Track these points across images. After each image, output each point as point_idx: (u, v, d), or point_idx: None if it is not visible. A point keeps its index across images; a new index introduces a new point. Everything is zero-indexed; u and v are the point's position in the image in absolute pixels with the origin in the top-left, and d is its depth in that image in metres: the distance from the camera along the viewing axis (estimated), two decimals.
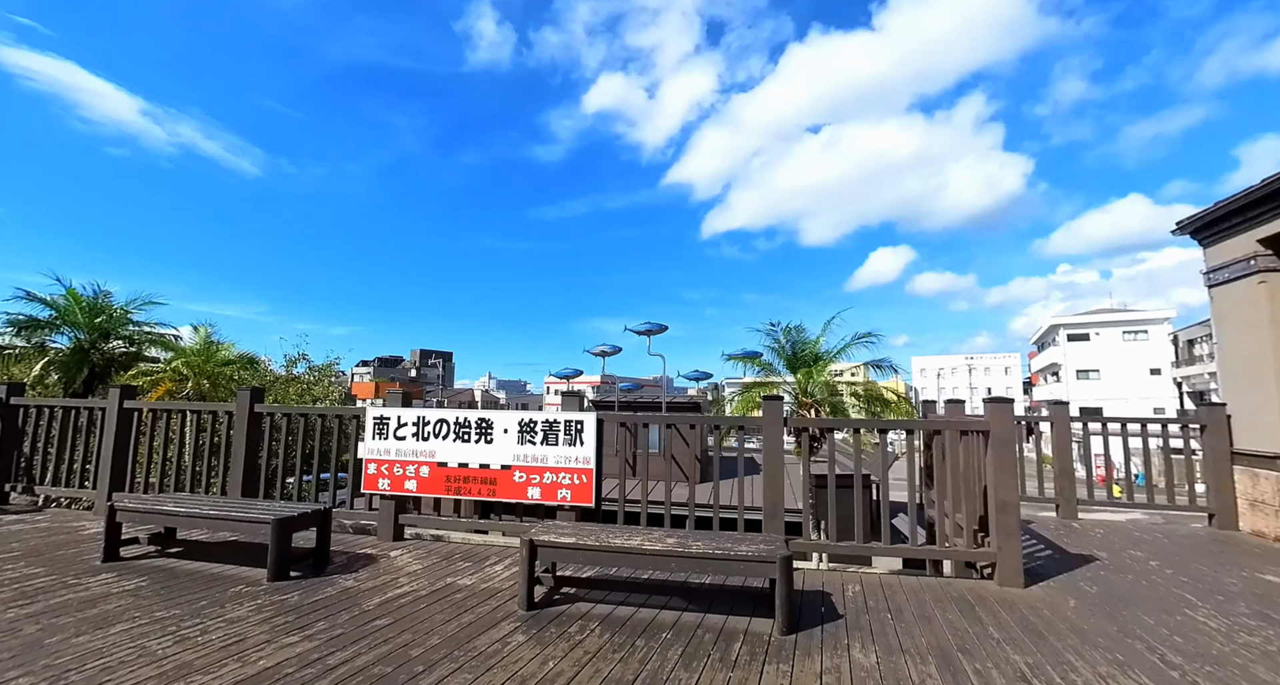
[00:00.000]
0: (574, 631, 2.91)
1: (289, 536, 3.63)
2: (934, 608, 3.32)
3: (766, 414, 4.02)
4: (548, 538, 3.23)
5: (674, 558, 3.08)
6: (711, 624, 3.04)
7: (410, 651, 2.65)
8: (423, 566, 3.93)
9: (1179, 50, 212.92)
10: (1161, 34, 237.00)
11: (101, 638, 2.71)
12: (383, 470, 4.54)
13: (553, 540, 3.22)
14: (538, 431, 4.32)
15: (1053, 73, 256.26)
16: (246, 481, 4.88)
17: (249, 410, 4.95)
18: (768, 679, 2.47)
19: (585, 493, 4.18)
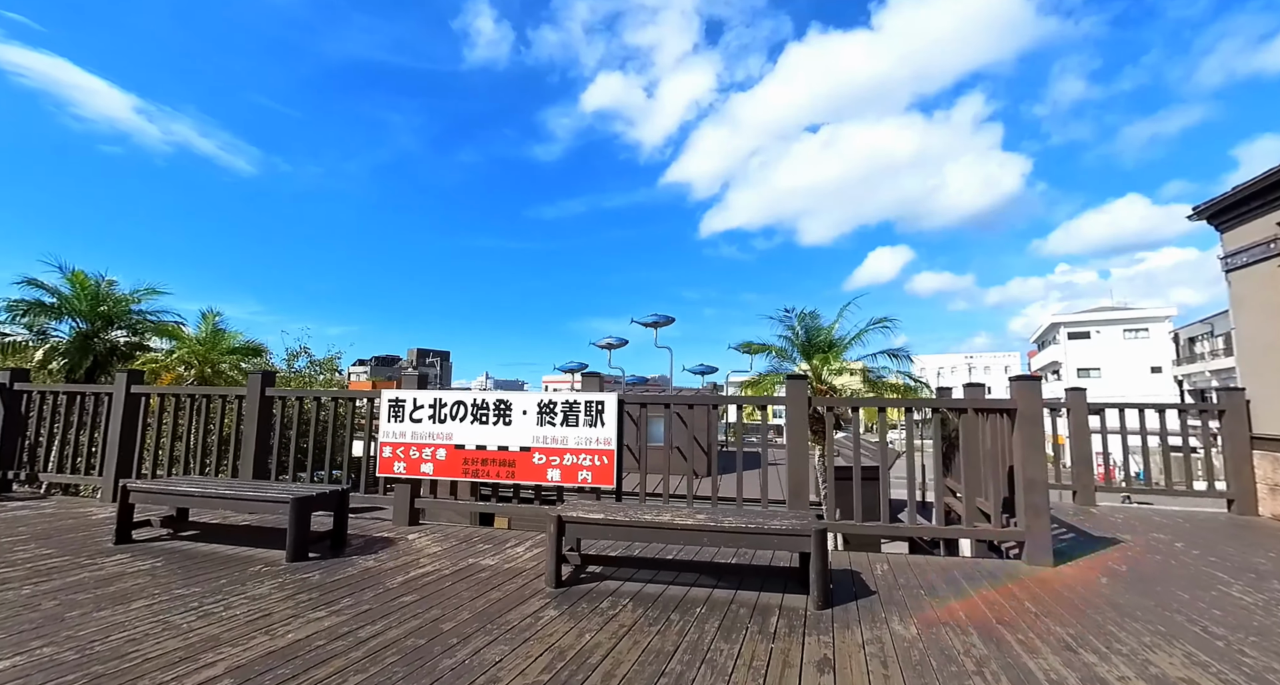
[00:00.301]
0: (605, 607, 2.86)
1: (308, 517, 3.56)
2: (966, 584, 3.27)
3: (790, 392, 3.97)
4: (576, 513, 3.18)
5: (706, 532, 3.03)
6: (744, 599, 2.99)
7: (441, 625, 2.59)
8: (442, 549, 3.86)
9: (1177, 50, 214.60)
10: (1160, 34, 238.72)
11: (123, 612, 2.64)
12: (399, 453, 4.47)
13: (581, 516, 3.16)
14: (558, 412, 4.26)
15: (1051, 73, 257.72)
16: (258, 466, 4.80)
17: (260, 394, 4.87)
18: (810, 649, 2.41)
19: (607, 474, 4.12)
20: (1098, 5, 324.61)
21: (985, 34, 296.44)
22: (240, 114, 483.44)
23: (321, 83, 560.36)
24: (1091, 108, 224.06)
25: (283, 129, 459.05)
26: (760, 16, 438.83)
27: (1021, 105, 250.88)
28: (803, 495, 3.88)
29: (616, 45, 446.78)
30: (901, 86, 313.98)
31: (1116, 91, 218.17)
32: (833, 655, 2.38)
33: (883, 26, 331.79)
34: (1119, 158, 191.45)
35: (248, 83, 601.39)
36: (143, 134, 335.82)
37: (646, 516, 3.14)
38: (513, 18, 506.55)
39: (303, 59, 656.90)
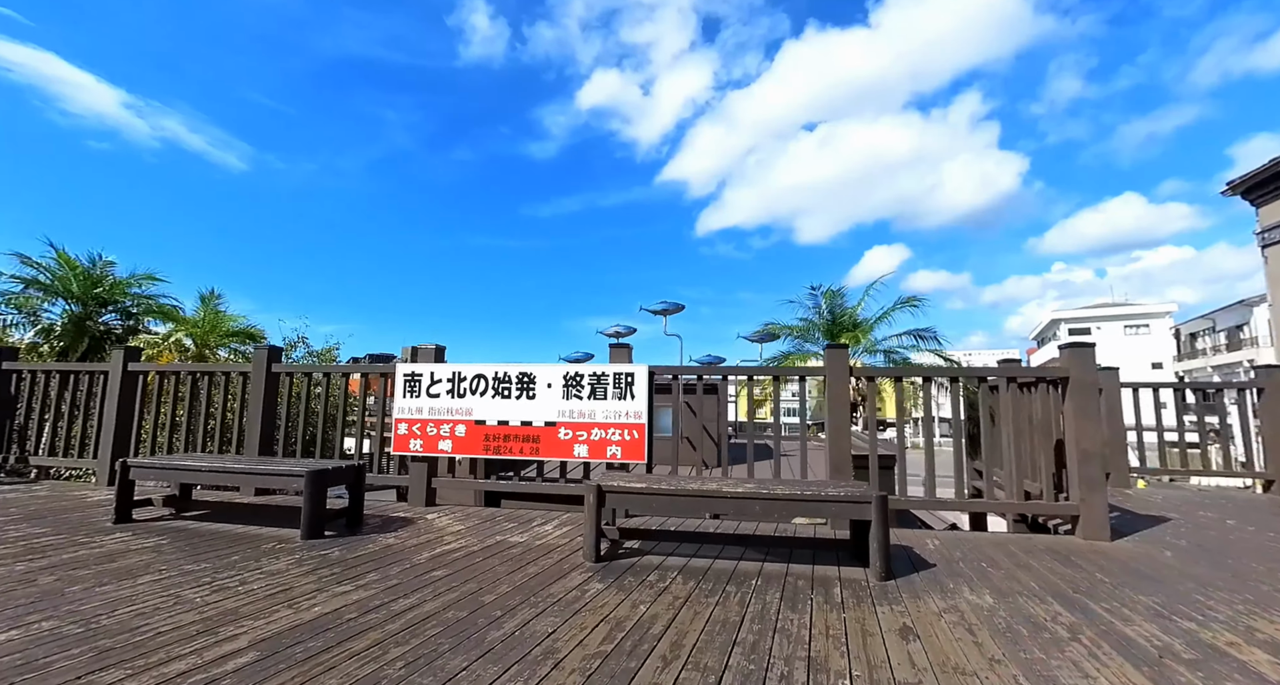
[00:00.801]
0: (653, 579, 2.65)
1: (324, 492, 3.33)
2: (1027, 558, 3.10)
3: (830, 363, 3.79)
4: (617, 483, 2.97)
5: (759, 500, 2.83)
6: (799, 572, 2.80)
7: (481, 598, 2.37)
8: (466, 527, 3.64)
9: (1173, 50, 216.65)
10: (1156, 33, 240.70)
11: (129, 588, 2.40)
12: (414, 430, 4.25)
13: (622, 485, 2.95)
14: (584, 385, 4.05)
15: (1048, 71, 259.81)
16: (263, 448, 4.55)
17: (266, 370, 4.63)
18: (886, 618, 2.22)
19: (637, 449, 3.92)
20: (1095, 4, 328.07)
21: (983, 32, 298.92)
22: (232, 110, 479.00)
23: (314, 78, 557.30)
24: (1088, 106, 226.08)
25: (275, 125, 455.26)
26: (758, 14, 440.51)
27: (1019, 104, 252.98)
28: (845, 472, 3.70)
29: (613, 42, 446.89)
30: (899, 85, 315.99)
31: (1113, 90, 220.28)
32: (912, 623, 2.19)
33: (880, 24, 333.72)
34: (1115, 156, 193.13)
35: (239, 78, 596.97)
36: (132, 130, 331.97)
37: (692, 485, 2.94)
38: (508, 14, 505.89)
39: (295, 54, 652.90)
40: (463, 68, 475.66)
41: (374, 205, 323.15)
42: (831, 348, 3.81)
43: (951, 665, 1.85)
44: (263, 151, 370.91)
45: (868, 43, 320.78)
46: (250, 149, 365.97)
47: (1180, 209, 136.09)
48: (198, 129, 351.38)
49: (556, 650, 1.90)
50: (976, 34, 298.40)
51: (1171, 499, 4.97)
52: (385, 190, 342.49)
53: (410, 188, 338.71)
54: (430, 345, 4.40)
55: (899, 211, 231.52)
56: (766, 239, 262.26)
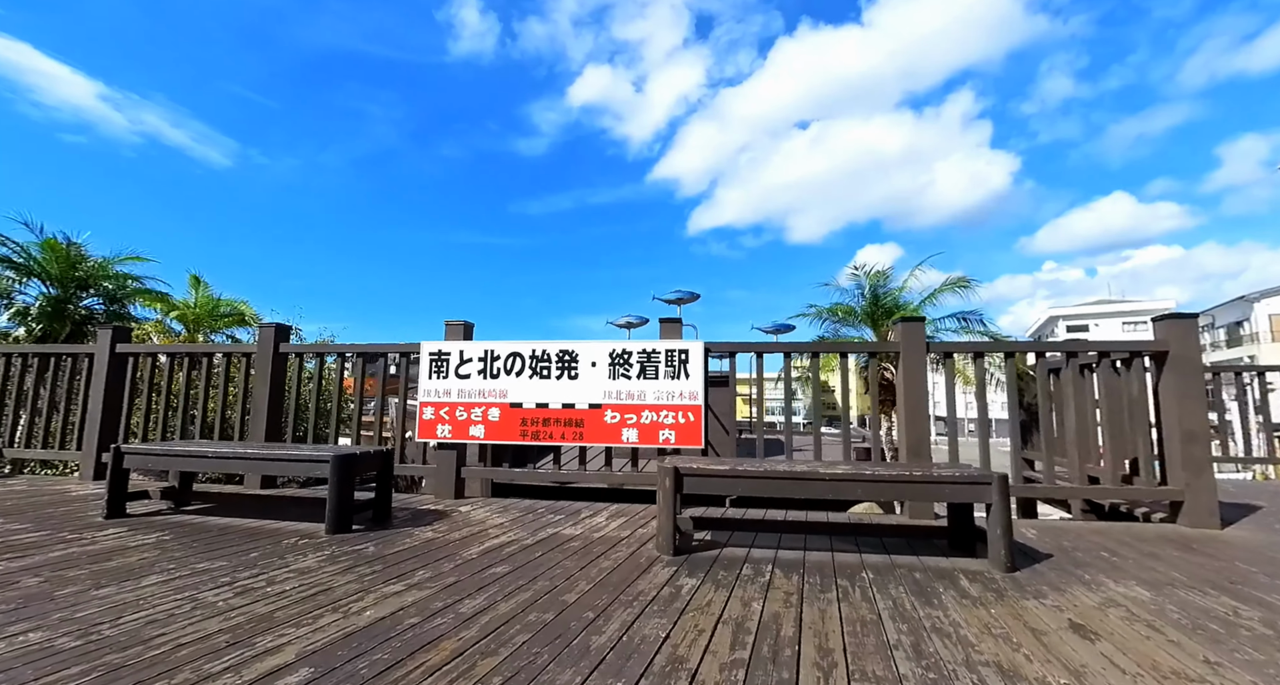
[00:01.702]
0: (749, 573, 2.30)
1: (352, 480, 2.92)
2: (1146, 547, 2.79)
3: (905, 337, 3.46)
4: (696, 465, 2.61)
5: (861, 483, 2.48)
6: (906, 563, 2.46)
7: (562, 598, 2.00)
8: (508, 520, 3.25)
9: (1162, 50, 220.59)
10: (1146, 33, 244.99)
11: (132, 590, 1.99)
12: (442, 414, 3.84)
13: (703, 467, 2.59)
14: (633, 363, 3.68)
15: (1040, 71, 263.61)
16: (270, 435, 4.12)
17: (273, 350, 4.19)
18: (1044, 614, 1.89)
19: (693, 433, 3.56)
20: (1086, 3, 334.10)
21: (975, 31, 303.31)
22: (213, 104, 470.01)
23: (298, 72, 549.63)
24: (1079, 106, 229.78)
25: (258, 119, 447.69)
26: (751, 11, 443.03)
27: (1010, 103, 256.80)
28: (924, 454, 3.37)
29: (605, 39, 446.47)
30: (892, 83, 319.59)
31: (1104, 90, 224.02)
32: (1079, 619, 1.86)
33: (873, 23, 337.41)
34: (1106, 156, 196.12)
35: (221, 71, 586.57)
36: (108, 123, 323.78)
37: (782, 466, 2.59)
38: (499, 9, 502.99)
39: (278, 47, 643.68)
40: (451, 63, 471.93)
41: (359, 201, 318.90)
42: (906, 321, 3.49)
43: (1168, 669, 1.52)
44: (246, 146, 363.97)
45: (861, 40, 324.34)
46: (233, 144, 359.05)
47: (1170, 208, 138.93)
48: (179, 123, 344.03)
49: (683, 658, 1.54)
50: (969, 33, 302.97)
51: (1245, 490, 4.74)
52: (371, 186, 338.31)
53: (396, 184, 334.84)
54: (458, 321, 4.00)
55: (891, 210, 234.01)
56: (759, 238, 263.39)
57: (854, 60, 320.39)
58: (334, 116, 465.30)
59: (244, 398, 4.21)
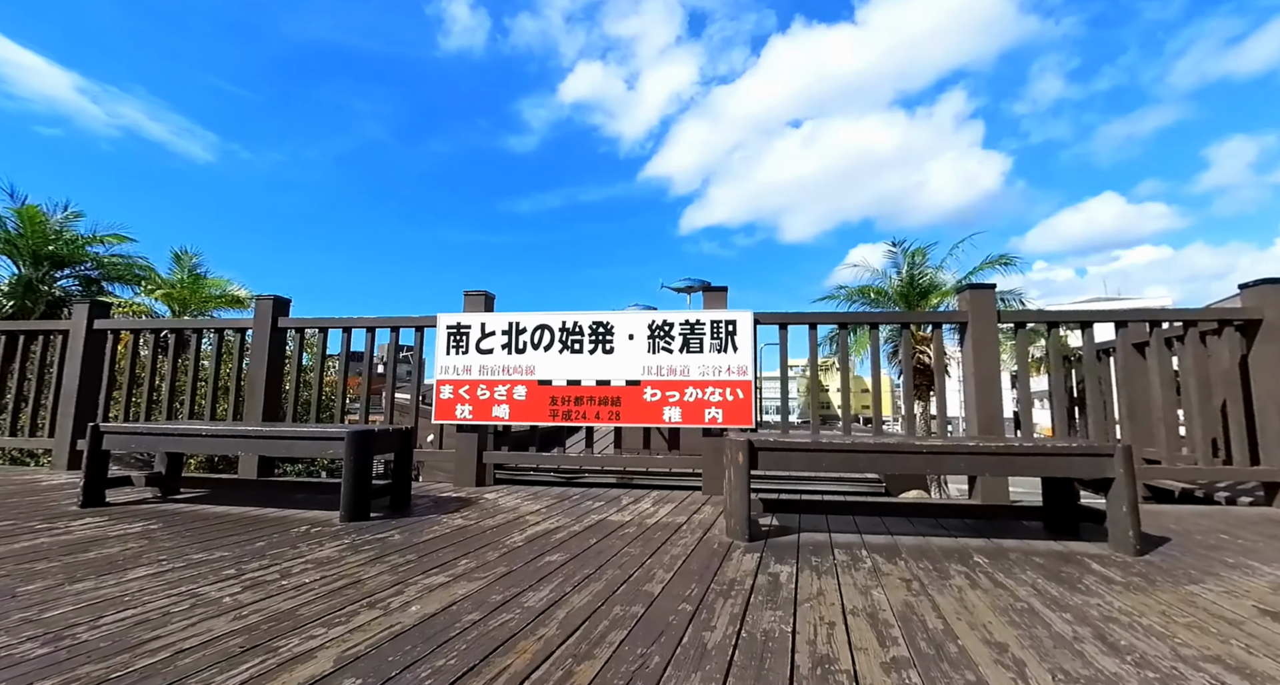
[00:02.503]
0: (844, 560, 1.98)
1: (370, 460, 2.55)
2: (1262, 530, 2.53)
3: (974, 305, 3.18)
4: (773, 438, 2.29)
5: (963, 456, 2.18)
6: (1014, 547, 2.16)
7: (643, 588, 1.66)
8: (543, 506, 2.91)
9: (1151, 52, 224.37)
10: (1136, 35, 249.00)
11: (114, 584, 1.62)
12: (461, 393, 3.48)
13: (781, 441, 2.27)
14: (675, 336, 3.35)
15: (1031, 71, 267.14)
16: (267, 412, 3.72)
17: (271, 324, 3.80)
18: (1223, 599, 1.59)
19: (742, 411, 3.24)
20: (1077, 5, 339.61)
21: (967, 31, 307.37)
22: (195, 97, 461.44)
23: (283, 65, 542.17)
24: (1069, 107, 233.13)
25: (241, 113, 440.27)
26: (744, 9, 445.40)
27: (1002, 103, 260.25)
28: (995, 431, 3.08)
29: (597, 35, 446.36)
30: (885, 82, 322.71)
31: (1094, 91, 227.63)
32: (1264, 604, 1.56)
33: (867, 21, 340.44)
34: (1095, 156, 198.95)
35: (202, 63, 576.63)
36: (85, 116, 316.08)
37: (869, 439, 2.27)
38: (490, 4, 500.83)
39: (261, 40, 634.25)
40: (441, 58, 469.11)
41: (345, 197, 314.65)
42: (975, 289, 3.20)
43: None
44: (228, 141, 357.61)
45: (854, 39, 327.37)
46: (215, 138, 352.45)
47: (1158, 208, 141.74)
48: (158, 117, 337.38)
49: (831, 657, 1.22)
50: (961, 33, 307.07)
51: None
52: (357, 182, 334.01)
53: (383, 180, 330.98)
54: (478, 291, 3.64)
55: (883, 210, 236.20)
56: (751, 237, 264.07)
57: (847, 59, 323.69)
58: (320, 111, 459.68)
59: (237, 380, 3.81)
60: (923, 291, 11.72)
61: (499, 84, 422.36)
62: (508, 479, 4.17)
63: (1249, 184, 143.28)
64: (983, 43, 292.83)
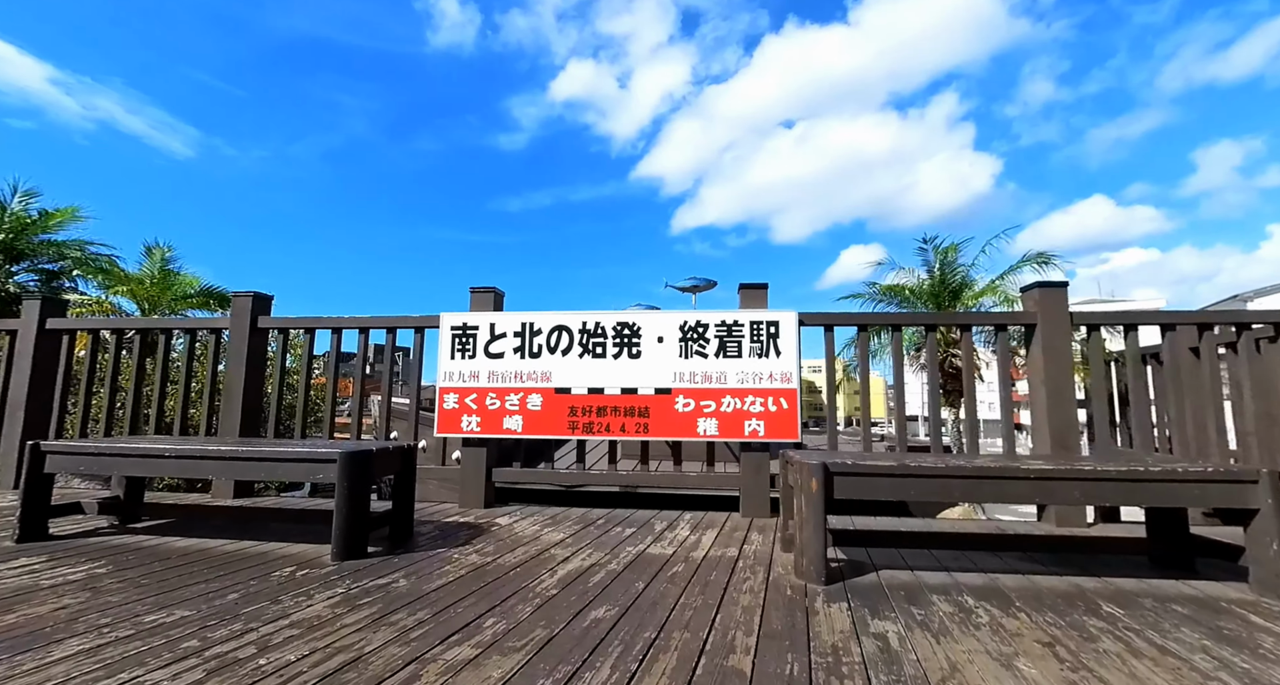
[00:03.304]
0: (951, 610, 1.63)
1: (367, 485, 2.16)
2: None
3: (1044, 306, 2.86)
4: (851, 461, 1.94)
5: (1080, 482, 1.84)
6: (1133, 590, 1.84)
7: (727, 661, 1.30)
8: (567, 535, 2.53)
9: (1140, 56, 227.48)
10: (1125, 39, 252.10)
11: (32, 669, 1.22)
12: (468, 403, 3.09)
13: (861, 463, 1.92)
14: (710, 338, 3.00)
15: (1022, 74, 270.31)
16: (246, 428, 3.30)
17: (250, 325, 3.37)
18: None
19: (787, 424, 2.89)
20: (1068, 9, 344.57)
21: (960, 33, 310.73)
22: (175, 90, 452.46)
23: (267, 59, 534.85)
24: (1060, 109, 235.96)
25: (223, 108, 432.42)
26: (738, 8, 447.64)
27: (994, 105, 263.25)
28: (1071, 445, 2.77)
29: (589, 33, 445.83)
30: (877, 83, 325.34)
31: (1083, 94, 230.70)
32: None
33: (860, 22, 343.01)
34: (1085, 159, 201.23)
35: (183, 56, 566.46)
36: (59, 108, 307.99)
37: (958, 461, 1.93)
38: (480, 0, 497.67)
39: (246, 32, 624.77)
40: (429, 54, 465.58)
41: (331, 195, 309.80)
42: (1045, 287, 2.89)
43: None
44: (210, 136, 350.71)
45: (847, 40, 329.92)
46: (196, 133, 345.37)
47: (1147, 211, 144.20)
48: (136, 110, 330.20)
49: None
50: (954, 35, 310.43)
51: None
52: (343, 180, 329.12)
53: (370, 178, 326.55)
54: (486, 288, 3.25)
55: (875, 211, 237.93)
56: (743, 237, 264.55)
57: (840, 60, 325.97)
58: (305, 107, 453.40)
59: (212, 386, 3.38)
60: (954, 291, 11.29)
61: (489, 81, 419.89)
62: (503, 485, 3.78)
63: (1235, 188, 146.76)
64: (975, 45, 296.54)
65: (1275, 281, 30.49)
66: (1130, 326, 2.87)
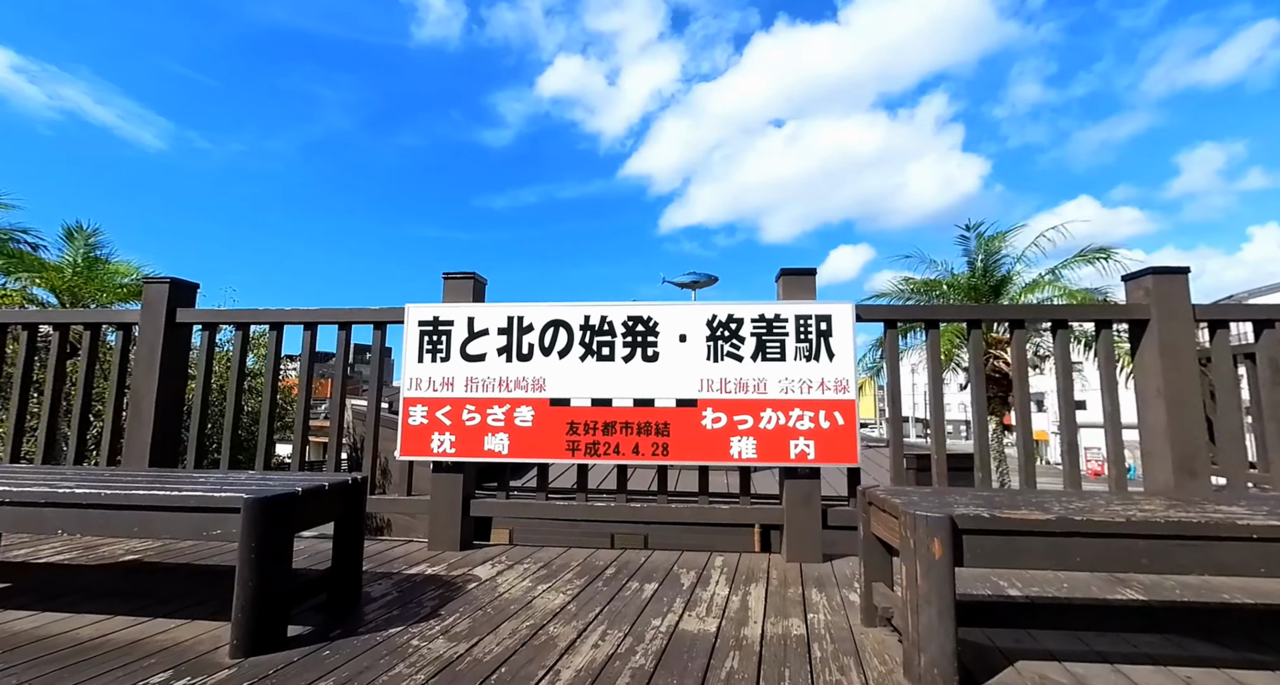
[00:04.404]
0: None
1: (286, 543, 1.52)
2: None
3: (1159, 297, 2.31)
4: (981, 511, 1.34)
5: None
6: None
7: None
8: (566, 597, 1.91)
9: (1125, 59, 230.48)
10: (1111, 42, 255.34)
11: None
12: (439, 417, 2.46)
13: (1010, 515, 1.33)
14: (745, 336, 2.40)
15: (1010, 76, 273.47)
16: (159, 451, 2.62)
17: (166, 319, 2.70)
18: None
19: (843, 444, 2.30)
20: (1056, 11, 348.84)
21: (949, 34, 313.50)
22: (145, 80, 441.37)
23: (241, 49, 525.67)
24: (1047, 111, 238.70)
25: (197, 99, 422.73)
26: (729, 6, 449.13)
27: (982, 106, 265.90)
28: (1199, 472, 2.22)
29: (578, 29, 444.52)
30: (867, 83, 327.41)
31: (1070, 97, 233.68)
32: None
33: (850, 22, 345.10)
34: (1071, 161, 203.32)
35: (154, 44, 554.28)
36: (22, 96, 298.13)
37: (1136, 513, 1.35)
38: None
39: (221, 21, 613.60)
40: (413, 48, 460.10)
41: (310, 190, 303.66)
42: (1161, 273, 2.33)
43: None
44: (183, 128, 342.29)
45: (837, 39, 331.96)
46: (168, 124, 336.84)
47: (1132, 213, 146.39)
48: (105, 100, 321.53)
49: None
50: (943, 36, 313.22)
51: None
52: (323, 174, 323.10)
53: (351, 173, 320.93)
54: (463, 273, 2.62)
55: (863, 211, 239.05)
56: (731, 237, 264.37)
57: (830, 59, 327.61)
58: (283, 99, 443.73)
59: (118, 396, 2.70)
60: (996, 287, 10.06)
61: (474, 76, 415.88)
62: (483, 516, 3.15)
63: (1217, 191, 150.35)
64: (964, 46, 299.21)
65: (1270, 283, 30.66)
66: (1267, 322, 2.32)
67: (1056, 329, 2.42)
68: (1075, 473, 2.33)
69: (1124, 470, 2.28)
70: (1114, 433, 2.33)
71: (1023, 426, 2.41)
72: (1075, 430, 2.35)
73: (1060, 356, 2.41)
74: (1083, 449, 10.52)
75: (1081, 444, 3.80)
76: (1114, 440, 2.33)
